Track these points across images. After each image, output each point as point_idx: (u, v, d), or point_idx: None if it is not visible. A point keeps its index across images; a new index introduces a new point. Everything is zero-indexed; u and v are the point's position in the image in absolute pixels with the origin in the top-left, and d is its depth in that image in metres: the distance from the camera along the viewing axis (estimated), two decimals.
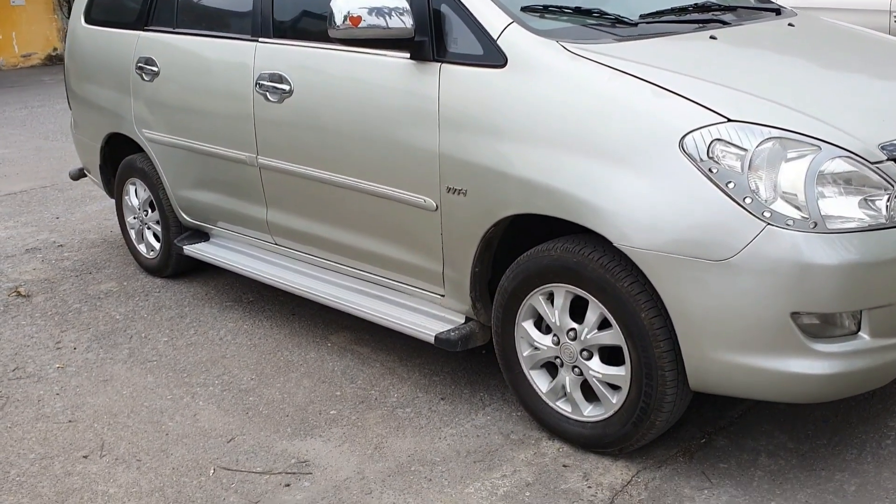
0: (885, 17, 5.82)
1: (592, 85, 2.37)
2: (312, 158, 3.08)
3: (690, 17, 2.89)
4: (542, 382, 2.65)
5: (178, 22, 3.74)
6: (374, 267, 3.07)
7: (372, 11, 2.61)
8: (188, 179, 3.79)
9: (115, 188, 4.39)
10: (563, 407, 2.61)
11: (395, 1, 2.61)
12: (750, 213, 2.11)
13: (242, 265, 3.60)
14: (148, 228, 4.23)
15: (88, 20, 4.29)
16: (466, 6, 2.60)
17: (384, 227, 2.94)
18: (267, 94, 3.18)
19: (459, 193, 2.63)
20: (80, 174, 4.84)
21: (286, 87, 3.10)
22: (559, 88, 2.41)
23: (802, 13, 3.27)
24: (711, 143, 2.17)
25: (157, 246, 4.19)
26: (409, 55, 2.71)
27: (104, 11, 4.20)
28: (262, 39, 3.25)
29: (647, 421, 2.39)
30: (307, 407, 2.96)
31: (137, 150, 4.11)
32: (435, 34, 2.64)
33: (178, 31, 3.71)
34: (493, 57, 2.54)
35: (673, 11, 2.90)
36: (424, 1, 2.66)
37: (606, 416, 2.49)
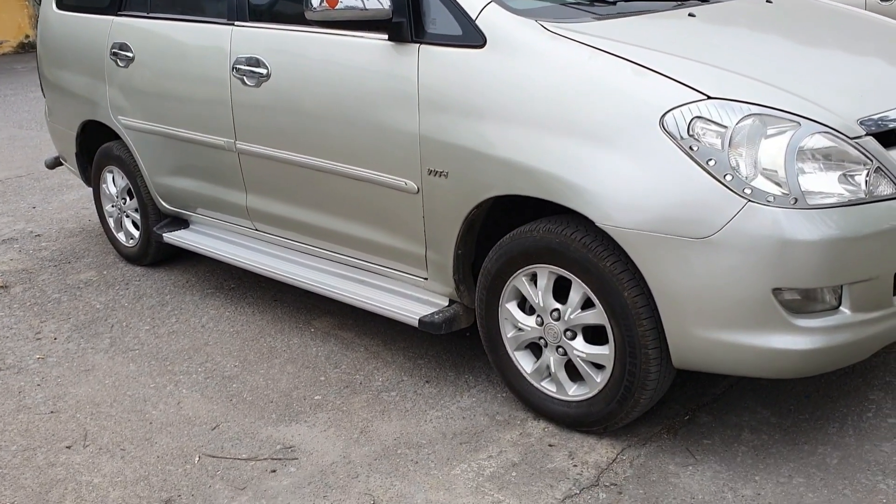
0: None
1: (572, 64, 2.36)
2: (291, 143, 3.05)
3: None
4: (526, 363, 2.65)
5: (152, 6, 3.68)
6: (356, 251, 3.06)
7: None
8: (166, 166, 3.75)
9: (92, 176, 4.34)
10: (547, 387, 2.61)
11: None
12: (731, 190, 2.12)
13: (223, 252, 3.57)
14: (126, 216, 4.19)
15: (60, 6, 4.21)
16: None
17: (365, 210, 2.92)
18: (244, 78, 3.14)
19: (441, 175, 2.61)
20: (55, 163, 4.78)
21: (263, 70, 3.07)
22: (539, 68, 2.40)
23: None
24: (692, 120, 2.17)
25: (136, 234, 4.15)
26: (387, 37, 2.68)
27: None
28: (238, 23, 3.21)
29: (631, 399, 2.40)
30: (291, 392, 2.95)
31: (114, 137, 4.06)
32: (413, 15, 2.62)
33: (152, 15, 3.66)
34: (471, 37, 2.52)
35: None
36: None
37: (591, 395, 2.50)
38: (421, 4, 2.62)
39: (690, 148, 2.16)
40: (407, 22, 2.62)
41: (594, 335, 2.47)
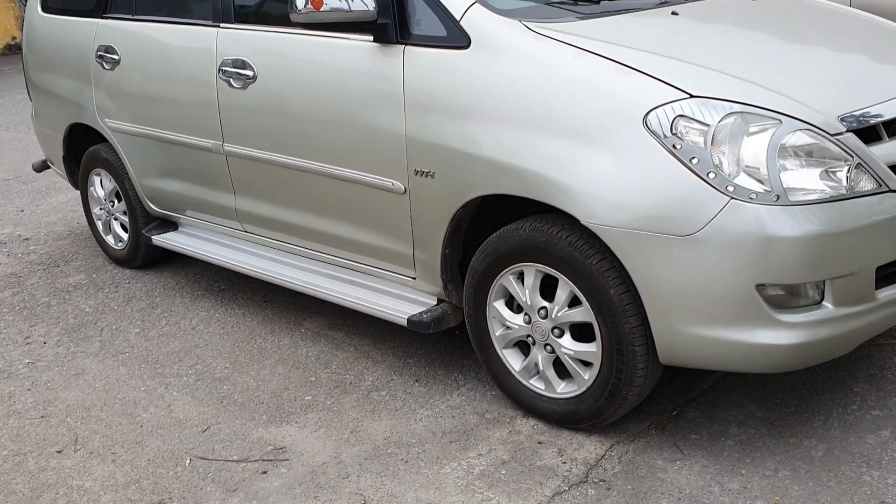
0: None
1: (556, 64, 2.38)
2: (279, 144, 3.06)
3: None
4: (515, 361, 2.67)
5: (137, 8, 3.68)
6: (344, 251, 3.07)
7: None
8: (154, 169, 3.75)
9: (79, 179, 4.33)
10: (536, 385, 2.63)
11: None
12: (714, 187, 2.14)
13: (212, 254, 3.57)
14: (115, 219, 4.18)
15: (45, 9, 4.20)
16: None
17: (353, 211, 2.93)
18: (230, 80, 3.14)
19: (427, 176, 2.63)
20: (43, 166, 4.77)
21: (250, 72, 3.07)
22: (523, 68, 2.41)
23: None
24: (674, 119, 2.19)
25: (125, 237, 4.14)
26: (372, 38, 2.69)
27: None
28: (223, 25, 3.21)
29: (619, 396, 2.42)
30: (282, 393, 2.96)
31: (101, 139, 4.05)
32: (398, 16, 2.62)
33: (137, 17, 3.66)
34: (456, 38, 2.53)
35: None
36: None
37: (579, 392, 2.51)
38: (406, 6, 2.62)
39: (674, 146, 2.18)
40: (392, 23, 2.63)
41: (582, 333, 2.49)
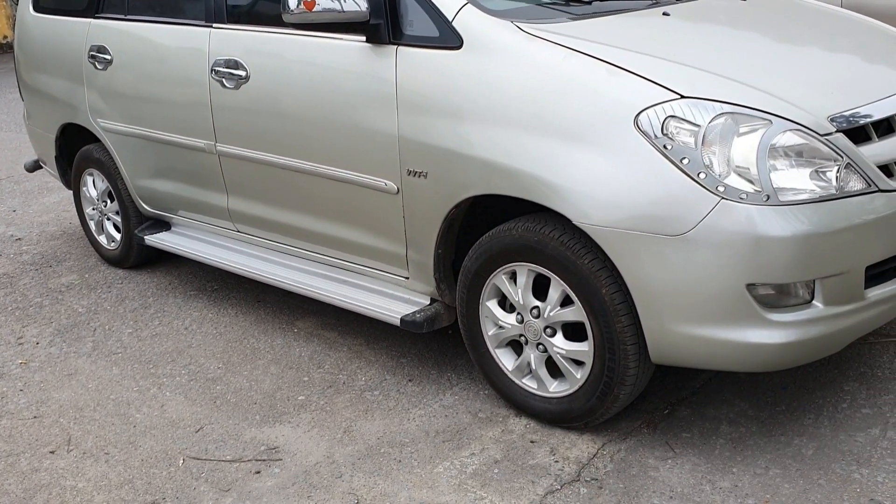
0: None
1: (548, 65, 2.38)
2: (271, 144, 3.06)
3: None
4: (507, 360, 2.68)
5: (129, 8, 3.67)
6: (337, 251, 3.07)
7: None
8: (147, 169, 3.74)
9: (72, 179, 4.33)
10: (528, 384, 2.64)
11: None
12: (704, 187, 2.15)
13: (205, 254, 3.57)
14: (108, 219, 4.18)
15: (37, 8, 4.19)
16: None
17: (346, 211, 2.93)
18: (223, 80, 3.14)
19: (420, 176, 2.63)
20: (35, 166, 4.76)
21: (242, 73, 3.07)
22: (515, 69, 2.42)
23: None
24: (665, 119, 2.20)
25: (117, 237, 4.14)
26: (364, 38, 2.69)
27: None
28: (216, 25, 3.21)
29: (611, 394, 2.43)
30: (275, 393, 2.96)
31: (93, 140, 4.05)
32: (390, 17, 2.63)
33: (129, 17, 3.65)
34: (448, 38, 2.54)
35: None
36: None
37: (571, 391, 2.53)
38: (398, 6, 2.63)
39: (664, 147, 2.19)
40: (384, 24, 2.64)
41: (574, 332, 2.50)
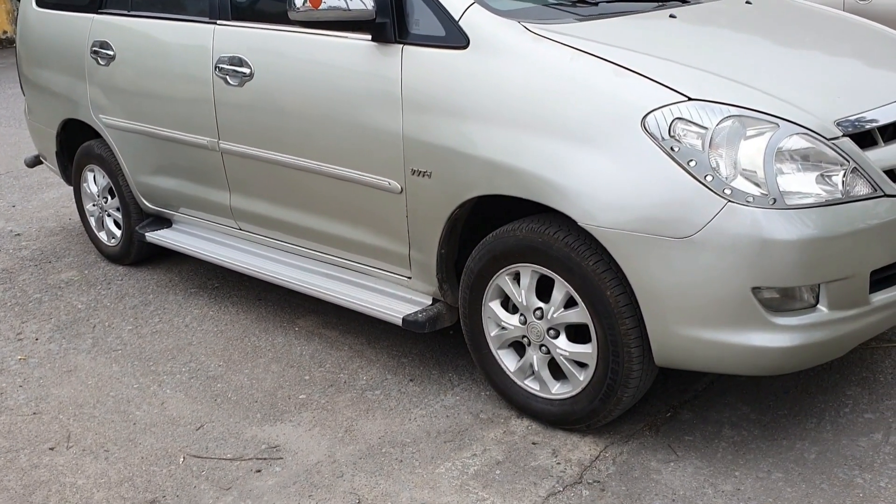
0: None
1: (554, 65, 2.38)
2: (275, 142, 3.05)
3: None
4: (510, 361, 2.67)
5: (133, 4, 3.66)
6: (339, 250, 3.06)
7: None
8: (148, 165, 3.73)
9: (72, 175, 4.31)
10: (531, 385, 2.63)
11: None
12: (711, 190, 2.15)
13: (206, 251, 3.56)
14: (108, 215, 4.16)
15: (40, 3, 4.18)
16: None
17: (349, 210, 2.93)
18: (227, 77, 3.13)
19: (424, 175, 2.63)
20: (35, 161, 4.74)
21: (246, 70, 3.06)
22: (521, 69, 2.41)
23: None
24: (673, 121, 2.19)
25: (118, 233, 4.13)
26: (370, 37, 2.69)
27: None
28: (220, 22, 3.20)
29: (613, 397, 2.42)
30: (276, 392, 2.95)
31: (95, 135, 4.03)
32: (396, 16, 2.62)
33: (133, 13, 3.64)
34: (455, 38, 2.53)
35: None
36: None
37: (574, 393, 2.52)
38: (404, 5, 2.62)
39: (672, 149, 2.18)
40: (390, 23, 2.63)
41: (577, 334, 2.49)
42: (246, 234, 3.44)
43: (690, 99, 2.21)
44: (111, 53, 3.67)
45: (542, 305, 2.51)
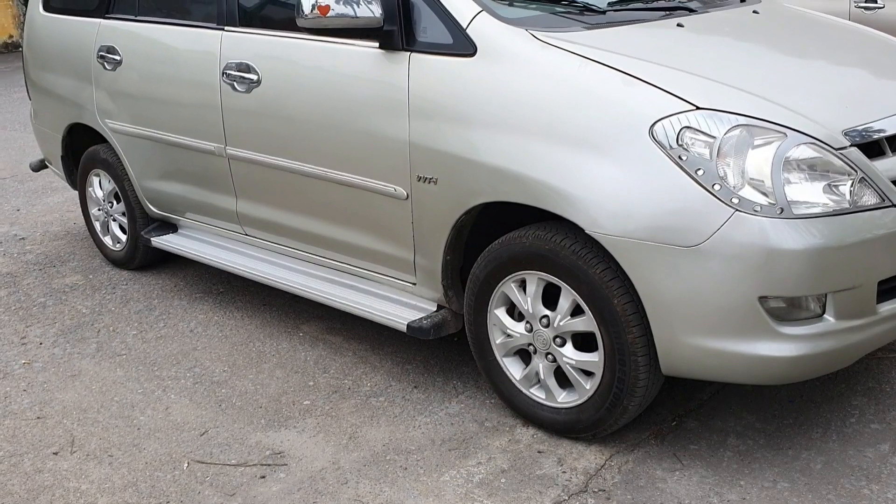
0: (844, 3, 5.91)
1: (562, 73, 2.38)
2: (282, 149, 3.06)
3: (658, 4, 2.92)
4: (515, 369, 2.67)
5: (140, 9, 3.68)
6: (345, 256, 3.06)
7: (340, 0, 2.59)
8: (154, 170, 3.74)
9: (78, 179, 4.32)
10: (536, 394, 2.63)
11: None
12: (718, 199, 2.15)
13: (212, 256, 3.57)
14: (113, 220, 4.17)
15: (47, 8, 4.19)
16: None
17: (355, 216, 2.93)
18: (234, 83, 3.14)
19: (430, 182, 2.63)
20: (41, 165, 4.75)
21: (254, 76, 3.07)
22: (529, 77, 2.42)
23: (766, 0, 3.32)
24: (681, 130, 2.20)
25: (123, 238, 4.13)
26: (378, 44, 2.69)
27: None
28: (228, 28, 3.21)
29: (620, 406, 2.42)
30: (280, 398, 2.95)
31: (100, 140, 4.04)
32: (404, 23, 2.63)
33: (140, 18, 3.65)
34: (462, 46, 2.53)
35: None
36: None
37: (580, 401, 2.51)
38: (412, 13, 2.63)
39: (679, 157, 2.18)
40: (398, 30, 2.63)
41: (584, 342, 2.49)
42: (251, 239, 3.44)
43: (699, 108, 2.21)
44: (118, 58, 3.68)
45: (548, 313, 2.51)
